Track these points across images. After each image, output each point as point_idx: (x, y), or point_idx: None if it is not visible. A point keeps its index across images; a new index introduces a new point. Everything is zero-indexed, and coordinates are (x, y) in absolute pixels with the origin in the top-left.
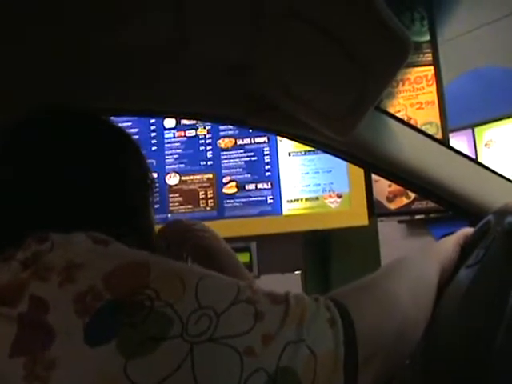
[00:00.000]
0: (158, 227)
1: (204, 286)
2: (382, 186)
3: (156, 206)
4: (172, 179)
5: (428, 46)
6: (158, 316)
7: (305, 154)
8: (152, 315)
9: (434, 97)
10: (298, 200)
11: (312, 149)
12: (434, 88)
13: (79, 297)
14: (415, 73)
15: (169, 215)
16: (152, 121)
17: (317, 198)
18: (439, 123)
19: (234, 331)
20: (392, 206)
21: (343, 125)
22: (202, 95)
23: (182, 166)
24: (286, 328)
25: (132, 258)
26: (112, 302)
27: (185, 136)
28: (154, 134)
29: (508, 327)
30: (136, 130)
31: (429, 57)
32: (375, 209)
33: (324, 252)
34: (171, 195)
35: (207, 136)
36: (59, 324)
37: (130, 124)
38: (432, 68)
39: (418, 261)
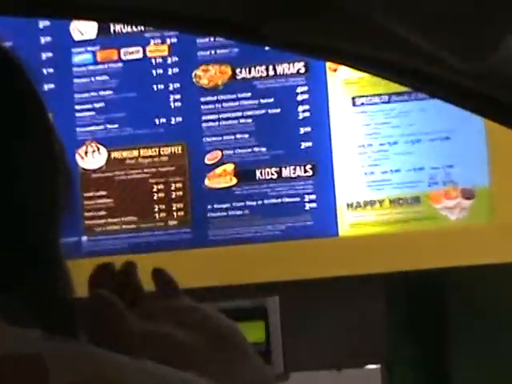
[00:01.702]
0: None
1: None
2: None
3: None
4: (90, 157)
5: None
6: None
7: (388, 100)
8: None
9: None
10: (372, 204)
11: (404, 89)
12: None
13: None
14: None
15: (83, 238)
16: (43, 24)
17: (416, 199)
18: None
19: None
20: None
21: (477, 40)
22: None
23: (114, 127)
24: None
25: (12, 349)
26: None
27: (119, 60)
28: (47, 55)
29: None
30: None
31: None
32: None
33: (434, 322)
34: (88, 193)
35: (170, 60)
36: None
37: None
38: None
39: None
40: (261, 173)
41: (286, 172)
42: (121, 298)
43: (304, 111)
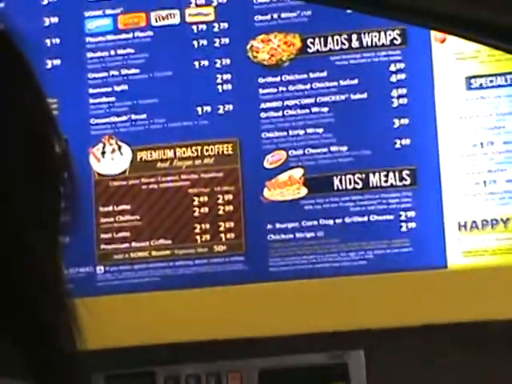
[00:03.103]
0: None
1: None
2: None
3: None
4: (109, 159)
5: None
6: None
7: None
8: None
9: None
10: (493, 224)
11: None
12: None
13: None
14: None
15: (98, 269)
16: None
17: None
18: None
19: None
20: None
21: None
22: None
23: (140, 118)
24: None
25: None
26: None
27: (148, 27)
28: (52, 21)
29: None
30: None
31: None
32: None
33: None
34: (105, 208)
35: (217, 27)
36: None
37: None
38: None
39: None
40: (340, 181)
41: (374, 180)
42: None
43: (400, 97)
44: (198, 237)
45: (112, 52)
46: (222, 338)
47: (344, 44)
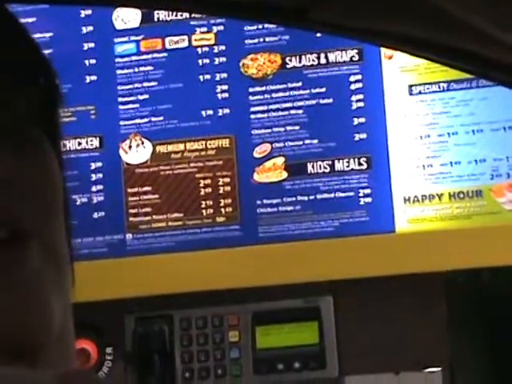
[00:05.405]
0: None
1: None
2: None
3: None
4: (134, 151)
5: None
6: None
7: (447, 88)
8: None
9: None
10: (430, 198)
11: (465, 76)
12: None
13: None
14: None
15: (128, 236)
16: (83, 15)
17: (478, 193)
18: None
19: None
20: None
21: None
22: None
23: (159, 120)
24: None
25: None
26: None
27: (163, 50)
28: (89, 46)
29: None
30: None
31: None
32: None
33: (499, 323)
34: (132, 189)
35: (217, 49)
36: None
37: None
38: None
39: None
40: (312, 166)
41: (339, 165)
42: None
43: (358, 101)
44: (203, 211)
45: (136, 69)
46: (223, 288)
47: (314, 61)
